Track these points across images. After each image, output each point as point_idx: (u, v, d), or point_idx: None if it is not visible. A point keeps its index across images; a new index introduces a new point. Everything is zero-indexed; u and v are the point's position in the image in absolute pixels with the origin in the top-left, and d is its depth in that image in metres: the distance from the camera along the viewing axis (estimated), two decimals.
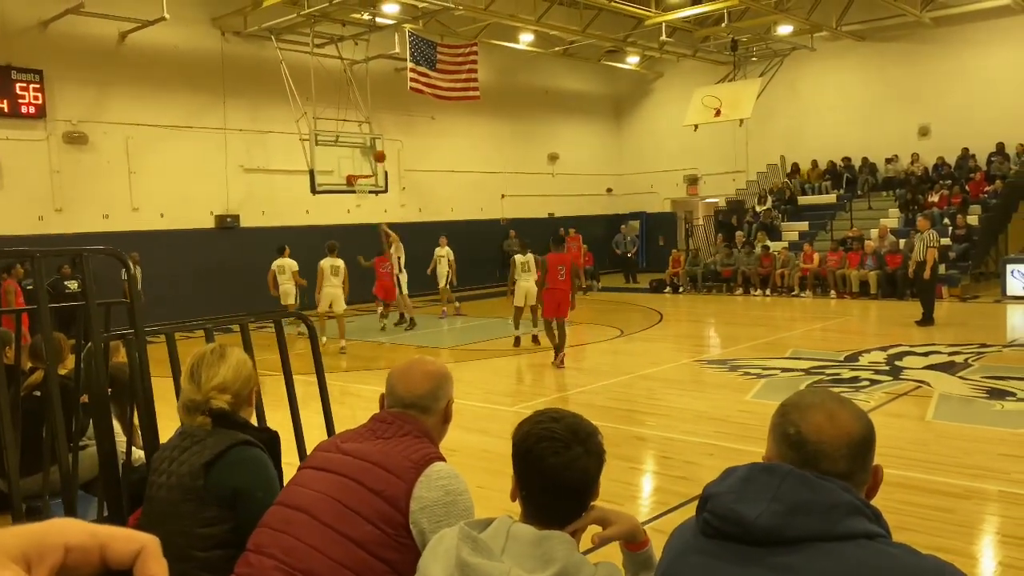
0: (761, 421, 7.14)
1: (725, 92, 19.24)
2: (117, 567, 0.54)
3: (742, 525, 1.27)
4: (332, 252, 12.54)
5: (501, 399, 8.44)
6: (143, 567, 0.54)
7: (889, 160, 20.68)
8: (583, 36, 19.19)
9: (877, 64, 20.78)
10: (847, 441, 1.35)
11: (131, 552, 0.54)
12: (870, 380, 8.48)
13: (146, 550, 0.54)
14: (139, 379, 2.71)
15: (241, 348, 2.61)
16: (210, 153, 16.76)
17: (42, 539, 0.52)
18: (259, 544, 1.99)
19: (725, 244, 19.88)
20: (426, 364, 2.20)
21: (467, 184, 21.54)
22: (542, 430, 1.65)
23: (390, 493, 1.93)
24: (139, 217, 15.74)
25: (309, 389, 3.51)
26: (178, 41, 16.09)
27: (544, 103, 23.50)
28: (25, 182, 14.45)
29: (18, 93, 14.26)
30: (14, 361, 3.56)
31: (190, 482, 2.18)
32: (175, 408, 2.45)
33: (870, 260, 16.93)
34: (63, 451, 2.69)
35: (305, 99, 15.82)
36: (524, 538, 1.55)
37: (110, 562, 0.54)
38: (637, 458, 6.21)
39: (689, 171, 24.34)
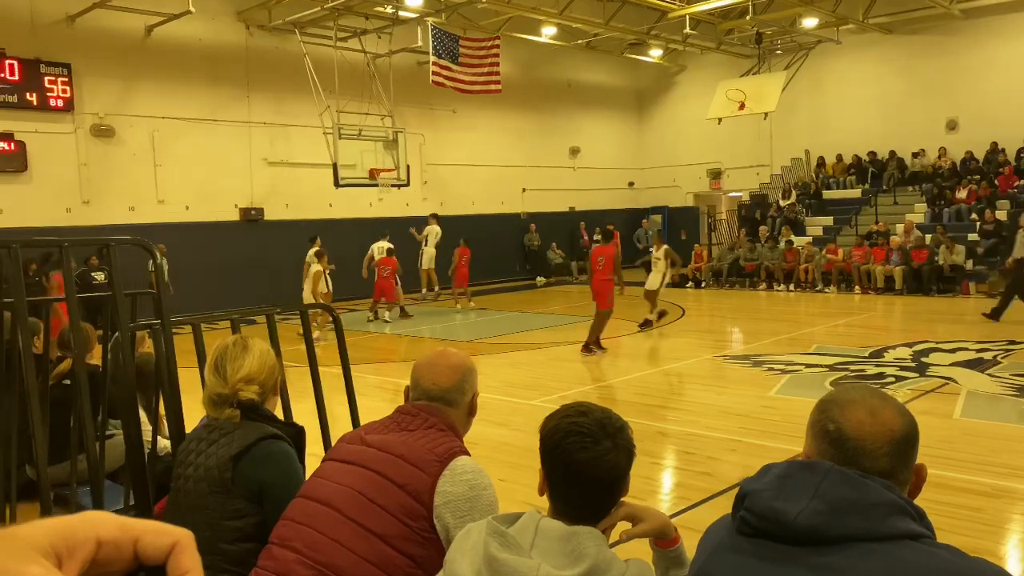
0: (785, 417, 7.13)
1: (749, 85, 19.05)
2: (150, 561, 0.53)
3: (781, 523, 1.24)
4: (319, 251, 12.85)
5: (522, 392, 8.43)
6: (177, 562, 0.53)
7: (916, 154, 20.39)
8: (606, 29, 19.09)
9: (904, 57, 20.48)
10: (889, 438, 1.31)
11: (164, 546, 0.53)
12: (896, 376, 8.38)
13: (180, 544, 0.53)
14: (166, 369, 2.72)
15: (263, 339, 2.61)
16: (234, 146, 16.86)
17: (73, 533, 0.51)
18: (282, 537, 1.99)
19: (748, 239, 19.72)
20: (451, 357, 2.18)
21: (488, 178, 21.52)
22: (570, 424, 1.63)
23: (414, 487, 1.92)
24: (164, 209, 15.88)
25: (331, 381, 3.52)
26: (203, 34, 16.19)
27: (566, 96, 23.40)
28: (53, 174, 14.63)
29: (47, 86, 14.42)
30: (42, 350, 3.60)
31: (218, 474, 2.18)
32: (200, 399, 2.46)
33: (895, 255, 16.73)
34: (91, 440, 2.71)
35: (328, 93, 15.87)
36: (553, 533, 1.54)
37: (143, 556, 0.53)
38: (659, 453, 6.17)
39: (712, 165, 24.16)
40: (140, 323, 2.99)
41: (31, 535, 0.50)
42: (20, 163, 14.27)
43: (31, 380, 2.52)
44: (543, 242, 22.11)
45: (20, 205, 14.13)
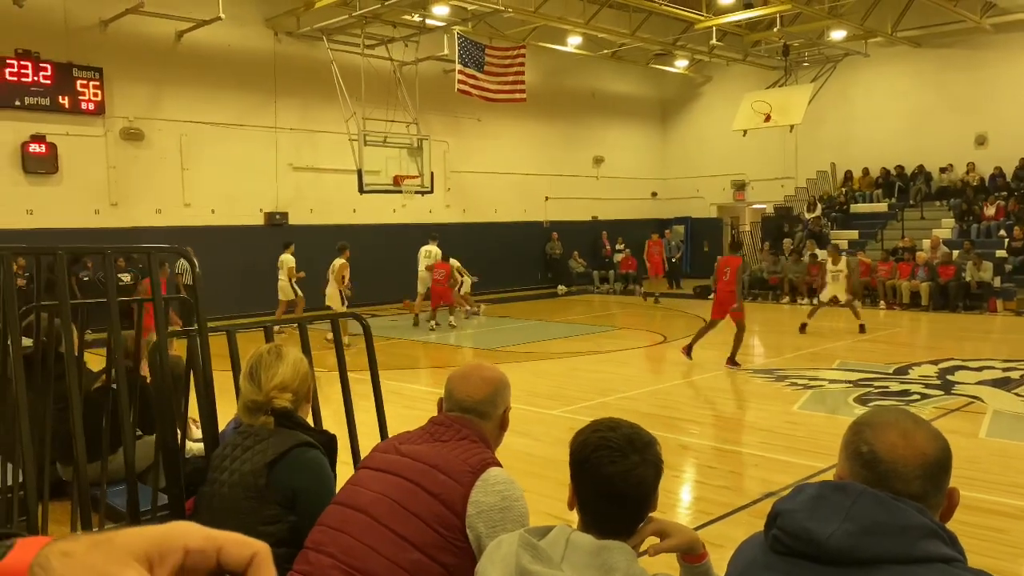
0: (808, 432, 7.08)
1: (775, 97, 18.98)
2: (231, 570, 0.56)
3: (814, 543, 1.26)
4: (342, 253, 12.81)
5: (543, 402, 8.44)
6: (256, 572, 0.56)
7: (944, 169, 20.20)
8: (632, 39, 19.10)
9: (933, 71, 20.31)
10: (922, 462, 1.32)
11: (245, 557, 0.56)
12: (920, 394, 8.30)
13: (259, 556, 0.57)
14: (201, 374, 2.77)
15: (295, 347, 2.65)
16: (261, 151, 17.04)
17: (164, 540, 0.54)
18: (318, 542, 2.02)
19: (771, 251, 19.61)
20: (485, 370, 2.22)
21: (511, 186, 21.58)
22: (599, 439, 1.65)
23: (447, 496, 1.95)
24: (191, 213, 16.06)
25: (357, 387, 3.56)
26: (232, 41, 16.39)
27: (590, 106, 23.43)
28: (83, 176, 14.86)
29: (79, 90, 14.66)
30: (77, 352, 3.66)
31: (253, 480, 2.22)
32: (234, 402, 2.50)
33: (922, 271, 16.57)
34: (128, 441, 2.77)
35: (355, 99, 16.00)
36: (583, 547, 1.56)
37: (225, 565, 0.56)
38: (680, 466, 6.16)
39: (736, 176, 24.06)
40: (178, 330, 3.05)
41: (128, 542, 0.53)
42: (51, 165, 14.51)
43: (73, 382, 2.58)
44: (565, 251, 22.12)
45: (51, 206, 14.37)
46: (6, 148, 14.11)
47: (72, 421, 2.57)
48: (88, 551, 0.52)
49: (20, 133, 14.18)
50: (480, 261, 20.17)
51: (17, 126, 14.13)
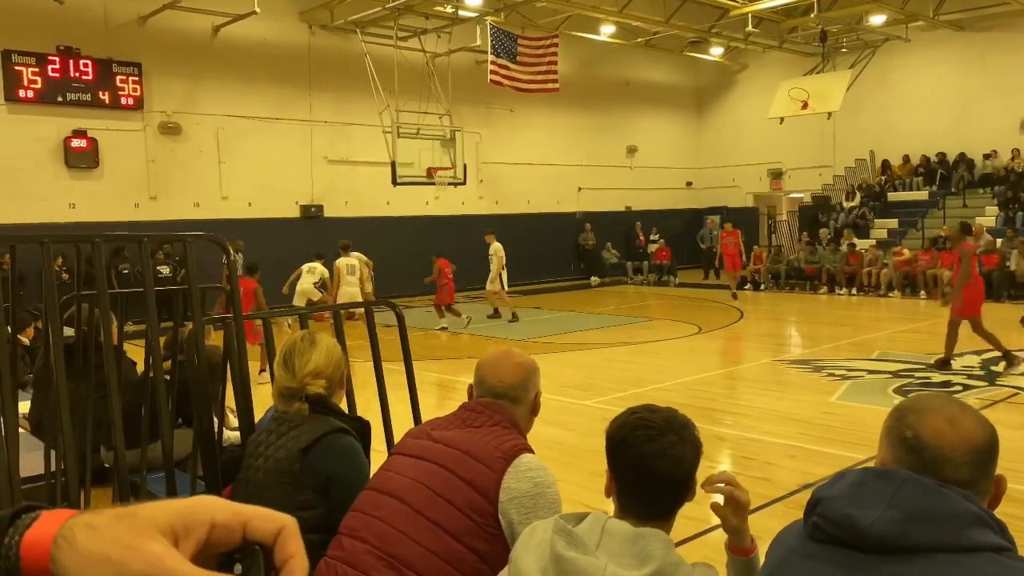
0: (846, 424, 6.98)
1: (813, 84, 18.66)
2: (257, 545, 0.55)
3: (855, 531, 1.22)
4: (346, 251, 12.74)
5: (575, 393, 8.42)
6: (283, 545, 0.56)
7: (987, 155, 19.71)
8: (666, 27, 18.89)
9: (976, 55, 19.80)
10: (970, 447, 1.28)
11: (272, 531, 0.56)
12: (963, 385, 8.12)
13: (286, 529, 0.56)
14: (237, 363, 2.80)
15: (328, 334, 2.67)
16: (296, 144, 17.19)
17: (190, 514, 0.54)
18: (351, 528, 2.04)
19: (808, 241, 19.33)
20: (515, 356, 2.21)
21: (544, 177, 21.51)
22: (637, 419, 1.66)
23: (480, 482, 1.95)
24: (228, 205, 16.27)
25: (391, 378, 3.57)
26: (267, 34, 16.54)
27: (624, 95, 23.24)
28: (123, 170, 15.12)
29: (118, 85, 14.91)
30: (117, 341, 3.72)
31: (287, 466, 2.25)
32: (269, 391, 2.52)
33: None
34: (167, 429, 2.80)
35: (388, 92, 16.05)
36: (620, 534, 1.54)
37: (251, 539, 0.56)
38: (716, 457, 6.10)
39: (773, 165, 23.72)
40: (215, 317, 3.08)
41: (152, 514, 0.53)
42: (92, 160, 14.79)
43: (112, 371, 2.62)
44: (598, 242, 22.01)
45: (92, 200, 14.65)
46: (49, 143, 14.41)
47: (111, 409, 2.61)
48: (112, 524, 0.52)
49: (63, 128, 14.47)
50: (513, 253, 20.14)
51: (59, 122, 14.42)
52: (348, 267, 12.61)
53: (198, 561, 0.52)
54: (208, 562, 0.54)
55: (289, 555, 0.55)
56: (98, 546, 0.51)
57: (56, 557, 0.51)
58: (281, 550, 0.55)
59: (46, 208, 13.97)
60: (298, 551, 0.56)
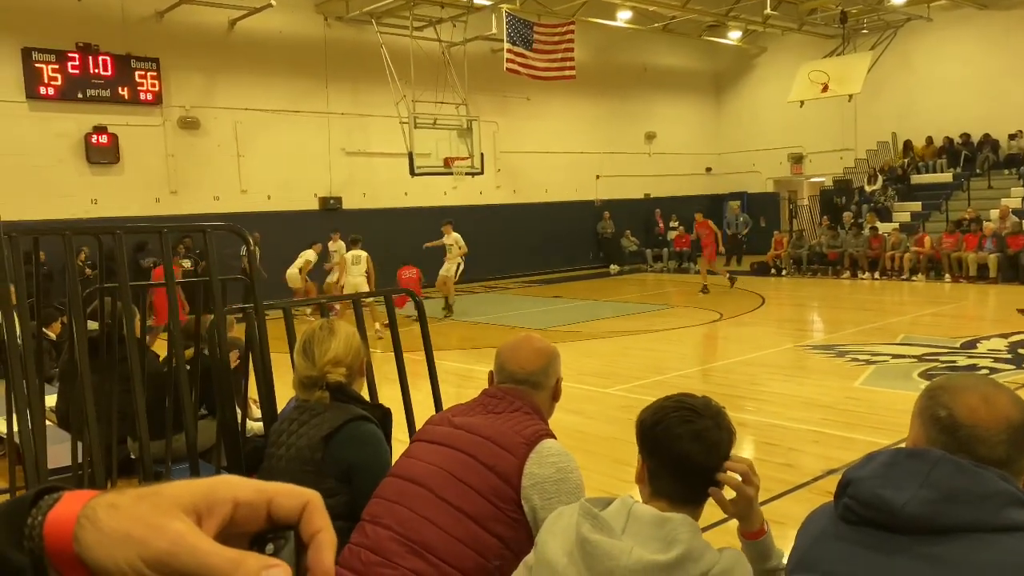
0: (870, 409, 6.91)
1: (833, 66, 18.42)
2: (283, 522, 0.55)
3: (888, 511, 1.20)
4: (356, 244, 12.96)
5: (596, 380, 8.41)
6: (309, 520, 0.55)
7: (1013, 136, 19.40)
8: (683, 11, 18.71)
9: (1001, 33, 19.45)
10: (1006, 426, 1.25)
11: (296, 507, 0.55)
12: (989, 368, 8.01)
13: (311, 504, 0.56)
14: (259, 353, 2.81)
15: (346, 323, 2.67)
16: (313, 137, 17.25)
17: (213, 493, 0.54)
18: (374, 514, 2.04)
19: (830, 225, 19.15)
20: (536, 341, 2.20)
21: (562, 165, 21.44)
22: (674, 403, 1.67)
23: (502, 468, 1.95)
24: (247, 199, 16.36)
25: (412, 368, 3.57)
26: (283, 27, 16.58)
27: (641, 81, 23.08)
28: (143, 165, 15.25)
29: (137, 81, 15.02)
30: (140, 334, 3.75)
31: (309, 454, 2.26)
32: (290, 380, 2.53)
33: (989, 242, 15.98)
34: (190, 420, 2.82)
35: (404, 82, 16.05)
36: (646, 518, 1.54)
37: (276, 517, 0.55)
38: (739, 444, 5.99)
39: (793, 149, 23.48)
40: (235, 307, 3.10)
41: (175, 493, 0.53)
42: (113, 155, 14.92)
43: (135, 361, 2.64)
44: (617, 229, 21.93)
45: (113, 195, 14.79)
46: (71, 140, 14.55)
47: (135, 401, 2.63)
48: (135, 503, 0.52)
49: (83, 125, 14.60)
50: (531, 242, 20.18)
51: (80, 118, 14.55)
52: (354, 258, 12.86)
53: (222, 539, 0.52)
54: (235, 541, 0.53)
55: (317, 529, 0.55)
56: (121, 525, 0.50)
57: (79, 536, 0.51)
58: (308, 525, 0.55)
59: (68, 204, 14.11)
60: (325, 525, 0.55)
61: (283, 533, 0.55)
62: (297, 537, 0.55)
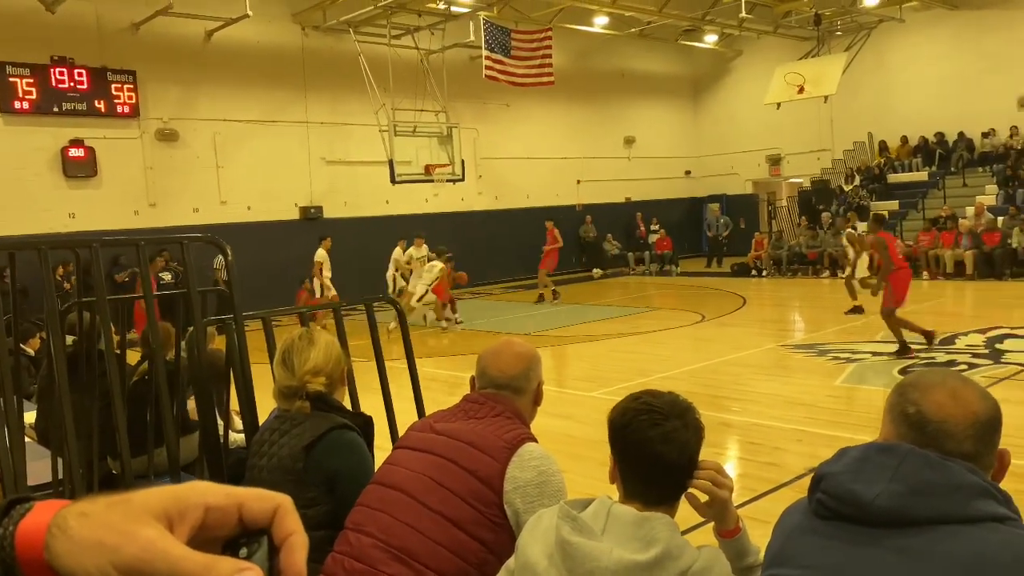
0: (851, 406, 6.97)
1: (808, 68, 18.61)
2: (254, 525, 0.55)
3: (859, 505, 1.22)
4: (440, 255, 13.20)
5: (581, 384, 8.43)
6: (281, 523, 0.55)
7: (986, 134, 19.66)
8: (659, 16, 18.84)
9: (972, 33, 19.72)
10: (973, 420, 1.27)
11: (267, 511, 0.56)
12: (968, 364, 8.11)
13: (282, 508, 0.56)
14: (239, 364, 2.80)
15: (326, 332, 2.67)
16: (293, 146, 17.19)
17: (183, 498, 0.54)
18: (357, 522, 2.04)
19: (809, 226, 19.30)
20: (517, 346, 2.21)
21: (543, 170, 21.49)
22: (640, 404, 1.66)
23: (484, 473, 1.95)
24: (227, 210, 16.27)
25: (394, 376, 3.57)
26: (260, 37, 16.52)
27: (619, 86, 23.19)
28: (121, 178, 15.13)
29: (114, 93, 14.91)
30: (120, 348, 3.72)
31: (290, 464, 2.25)
32: (271, 391, 2.52)
33: (965, 239, 16.17)
34: (170, 434, 2.81)
35: (383, 90, 16.03)
36: (625, 518, 1.55)
37: (247, 521, 0.55)
38: (723, 444, 6.10)
39: (771, 151, 23.68)
40: (213, 318, 3.08)
41: (145, 500, 0.53)
42: (90, 168, 14.80)
43: (114, 376, 2.62)
44: (599, 233, 21.99)
45: (91, 209, 14.66)
46: (47, 154, 14.42)
47: (115, 416, 2.61)
48: (106, 510, 0.52)
49: (59, 138, 14.47)
50: (514, 247, 20.18)
51: (56, 132, 14.42)
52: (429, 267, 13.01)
53: (194, 545, 0.52)
54: (208, 546, 0.54)
55: (288, 532, 0.55)
56: (92, 533, 0.51)
57: (50, 545, 0.51)
58: (279, 528, 0.55)
59: (46, 218, 13.98)
60: (297, 528, 0.56)
61: (256, 537, 0.55)
62: (269, 540, 0.55)
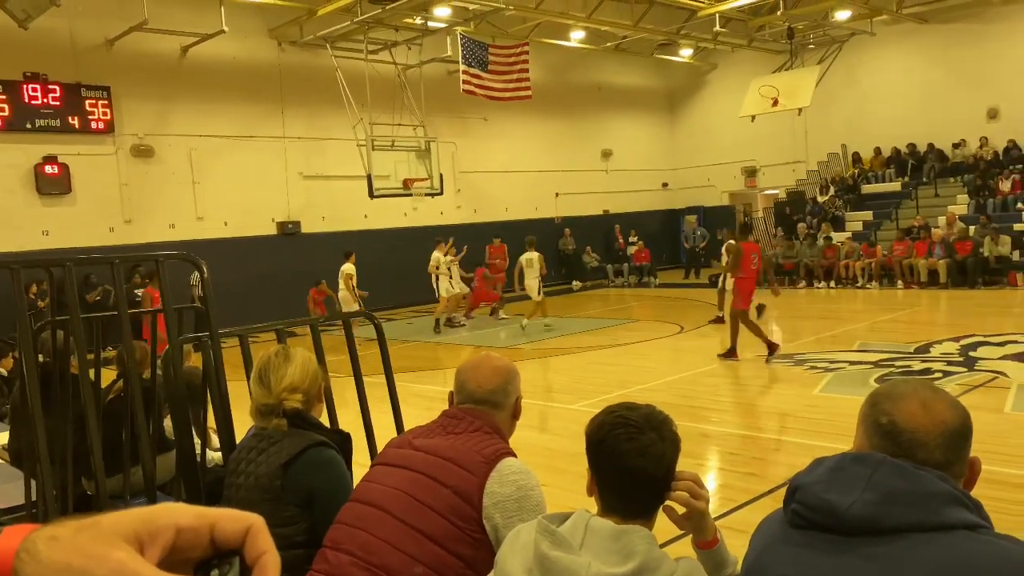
0: (829, 416, 7.04)
1: (782, 81, 18.84)
2: (226, 546, 0.55)
3: (833, 515, 1.24)
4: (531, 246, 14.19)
5: (561, 397, 8.43)
6: (253, 543, 0.55)
7: (956, 145, 19.99)
8: (635, 31, 19.01)
9: (941, 46, 20.09)
10: (943, 430, 1.30)
11: (239, 531, 0.55)
12: (943, 372, 8.21)
13: (254, 527, 0.56)
14: (215, 381, 2.78)
15: (303, 348, 2.65)
16: (270, 161, 17.12)
17: (154, 520, 0.54)
18: (335, 540, 2.03)
19: (785, 236, 19.49)
20: (495, 360, 2.21)
21: (521, 184, 21.55)
22: (616, 418, 1.66)
23: (463, 488, 1.95)
24: (204, 226, 16.16)
25: (372, 391, 3.55)
26: (236, 53, 16.47)
27: (596, 100, 23.35)
28: (96, 195, 14.98)
29: (88, 109, 14.78)
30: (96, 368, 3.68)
31: (268, 482, 2.23)
32: (248, 409, 2.50)
33: (938, 248, 16.41)
34: (146, 453, 2.78)
35: (361, 105, 16.03)
36: (603, 532, 1.55)
37: (219, 541, 0.55)
38: (703, 455, 6.13)
39: (747, 163, 23.92)
40: (189, 336, 3.06)
41: (115, 523, 0.53)
42: (64, 185, 14.64)
43: (88, 396, 2.59)
44: (578, 246, 22.07)
45: (66, 226, 14.49)
46: (20, 170, 14.25)
47: (89, 436, 2.58)
48: (75, 534, 0.52)
49: (32, 155, 14.31)
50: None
51: (29, 148, 14.27)
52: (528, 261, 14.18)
53: (166, 566, 0.52)
54: (180, 567, 0.53)
55: (260, 552, 0.55)
56: (61, 556, 0.50)
57: (19, 570, 0.50)
58: (251, 548, 0.55)
59: (18, 236, 13.81)
60: (268, 547, 0.56)
61: (228, 558, 0.55)
62: (241, 561, 0.55)
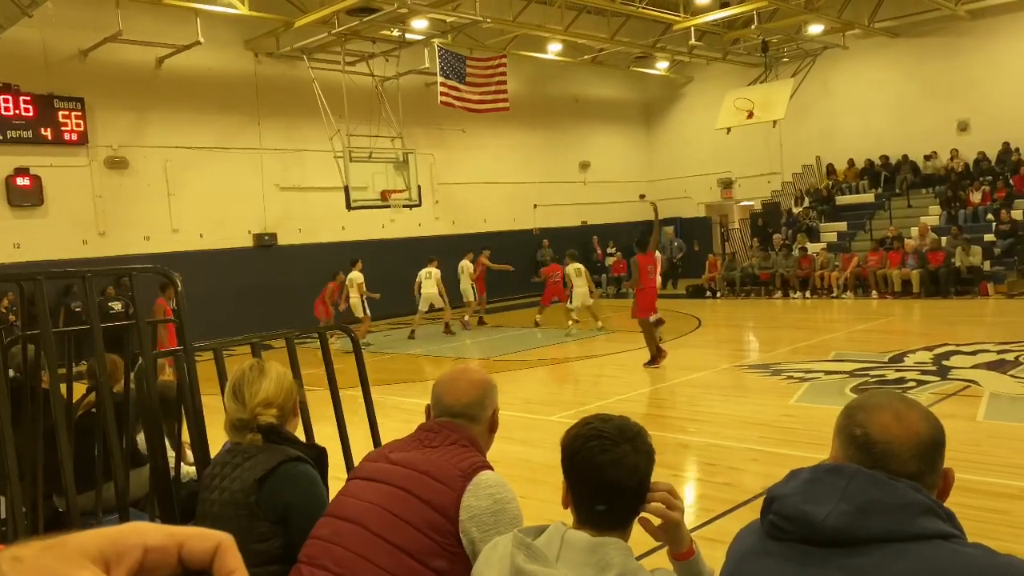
0: (806, 425, 7.08)
1: (757, 94, 19.06)
2: (195, 565, 0.55)
3: (810, 526, 1.25)
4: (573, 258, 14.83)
5: (540, 408, 8.42)
6: (222, 563, 0.55)
7: (928, 157, 20.31)
8: (612, 44, 19.16)
9: (912, 60, 20.44)
10: (916, 441, 1.32)
11: (208, 550, 0.55)
12: (916, 381, 8.31)
13: (222, 546, 0.55)
14: (189, 396, 2.75)
15: (278, 362, 2.63)
16: (246, 173, 17.02)
17: (121, 540, 0.53)
18: (311, 556, 2.01)
19: (760, 248, 19.67)
20: (472, 373, 2.20)
21: (499, 195, 21.59)
22: (590, 431, 1.66)
23: (439, 502, 1.94)
24: (179, 238, 16.02)
25: (349, 404, 3.53)
26: (212, 64, 16.39)
27: (574, 112, 23.49)
28: (69, 207, 14.80)
29: (61, 121, 14.62)
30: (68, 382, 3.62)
31: (243, 498, 2.20)
32: (223, 423, 2.48)
33: (911, 259, 16.63)
34: (118, 469, 2.74)
35: (338, 117, 15.99)
36: (579, 544, 1.55)
37: (187, 561, 0.54)
38: (680, 465, 6.14)
39: (723, 175, 24.14)
40: (163, 351, 3.03)
41: (81, 543, 0.52)
42: (36, 197, 14.46)
43: (59, 411, 2.55)
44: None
45: (38, 239, 14.31)
46: None
47: (60, 452, 2.54)
48: (40, 554, 0.51)
49: (3, 167, 14.14)
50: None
51: (1, 160, 14.09)
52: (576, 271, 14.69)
53: None
54: None
55: (229, 571, 0.55)
56: None
57: None
58: (220, 567, 0.55)
59: None
60: (237, 566, 0.55)
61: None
62: None
